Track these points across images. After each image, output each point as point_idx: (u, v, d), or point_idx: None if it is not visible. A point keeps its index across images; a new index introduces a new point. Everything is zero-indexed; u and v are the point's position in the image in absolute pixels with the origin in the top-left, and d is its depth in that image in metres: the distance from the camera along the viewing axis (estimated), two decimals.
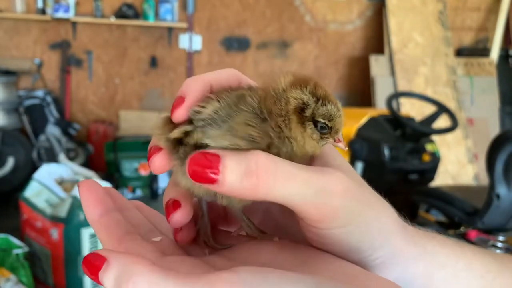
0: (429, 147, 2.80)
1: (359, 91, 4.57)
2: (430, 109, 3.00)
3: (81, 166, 2.77)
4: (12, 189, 3.41)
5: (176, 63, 4.31)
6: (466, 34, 4.83)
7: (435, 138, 3.13)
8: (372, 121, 2.81)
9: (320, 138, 0.30)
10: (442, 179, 3.67)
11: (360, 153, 2.70)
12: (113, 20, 4.00)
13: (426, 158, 2.77)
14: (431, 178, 2.84)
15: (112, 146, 3.75)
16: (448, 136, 3.85)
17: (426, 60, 4.26)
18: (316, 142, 0.30)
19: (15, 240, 2.02)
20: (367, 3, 4.53)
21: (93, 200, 0.31)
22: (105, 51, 4.19)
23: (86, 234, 2.01)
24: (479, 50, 4.79)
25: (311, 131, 0.30)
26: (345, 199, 0.27)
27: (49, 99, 3.94)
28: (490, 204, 2.02)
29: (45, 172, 2.23)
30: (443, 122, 3.17)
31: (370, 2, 4.52)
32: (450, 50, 4.35)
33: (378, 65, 4.26)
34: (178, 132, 0.29)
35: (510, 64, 4.88)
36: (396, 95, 3.20)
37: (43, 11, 3.93)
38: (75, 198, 2.03)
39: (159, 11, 4.13)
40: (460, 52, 4.71)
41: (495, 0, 4.75)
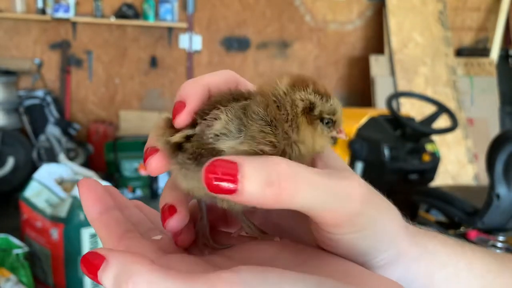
0: (429, 147, 2.80)
1: (359, 91, 4.57)
2: (430, 109, 3.00)
3: (81, 166, 2.77)
4: (12, 189, 3.41)
5: (176, 63, 4.31)
6: (466, 34, 4.83)
7: (435, 138, 3.13)
8: (372, 121, 2.81)
9: (328, 133, 0.31)
10: (442, 179, 3.67)
11: (360, 153, 2.70)
12: (113, 20, 4.00)
13: (426, 158, 2.76)
14: (431, 178, 2.84)
15: (112, 146, 3.75)
16: (448, 136, 3.84)
17: (426, 60, 4.25)
18: (326, 139, 0.31)
19: (15, 240, 2.02)
20: (367, 3, 4.53)
21: (92, 198, 0.31)
22: (105, 51, 4.18)
23: (86, 234, 2.01)
24: (479, 50, 4.79)
25: (321, 129, 0.30)
26: (363, 205, 0.26)
27: (49, 99, 3.94)
28: (490, 204, 2.02)
29: (45, 172, 2.23)
30: (443, 122, 3.17)
31: (370, 2, 4.52)
32: (450, 50, 4.34)
33: (378, 65, 4.25)
34: (179, 137, 0.29)
35: (510, 64, 4.88)
36: (396, 95, 3.20)
37: (43, 11, 3.93)
38: (75, 198, 2.03)
39: (159, 11, 4.12)
40: (460, 52, 4.71)
41: (495, 0, 4.75)
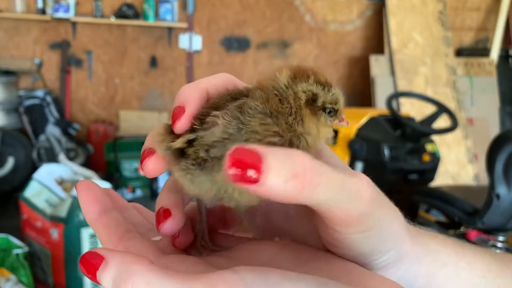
0: (429, 147, 2.80)
1: (359, 91, 4.57)
2: (430, 109, 3.00)
3: (81, 166, 2.77)
4: (12, 189, 3.41)
5: (176, 63, 4.31)
6: (466, 34, 4.83)
7: (435, 138, 3.13)
8: (372, 121, 2.81)
9: (330, 123, 0.31)
10: (442, 179, 3.67)
11: (360, 153, 2.70)
12: (113, 20, 4.00)
13: (426, 158, 2.76)
14: (431, 178, 2.84)
15: (112, 146, 3.75)
16: (448, 136, 3.84)
17: (426, 60, 4.25)
18: (329, 128, 0.31)
19: (15, 240, 2.02)
20: (367, 3, 4.53)
21: (91, 199, 0.30)
22: (105, 51, 4.18)
23: (86, 234, 2.01)
24: (479, 50, 4.78)
25: (324, 119, 0.30)
26: (371, 203, 0.26)
27: (49, 99, 3.94)
28: (490, 204, 2.01)
29: (45, 172, 2.23)
30: (443, 122, 3.17)
31: (370, 2, 4.52)
32: (450, 50, 4.34)
33: (378, 65, 4.25)
34: (181, 142, 0.29)
35: (510, 64, 4.88)
36: (396, 95, 3.20)
37: (43, 11, 3.93)
38: (75, 198, 2.02)
39: (159, 11, 4.12)
40: (460, 52, 4.71)
41: (495, 0, 4.75)
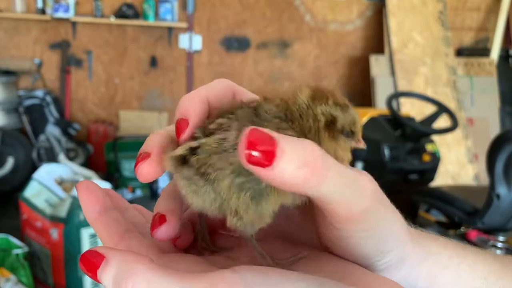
0: (429, 147, 2.80)
1: (359, 91, 4.57)
2: (430, 109, 3.00)
3: (81, 166, 2.77)
4: (12, 189, 3.41)
5: (176, 63, 4.31)
6: (466, 34, 4.83)
7: (435, 138, 3.13)
8: (372, 121, 2.81)
9: (348, 144, 0.30)
10: (442, 179, 3.67)
11: (360, 153, 2.70)
12: (113, 20, 4.00)
13: (426, 158, 2.77)
14: (431, 178, 2.84)
15: (112, 146, 3.75)
16: (448, 136, 3.84)
17: (426, 60, 4.25)
18: (347, 151, 0.30)
19: (15, 240, 2.02)
20: (367, 3, 4.53)
21: (92, 199, 0.30)
22: (105, 51, 4.18)
23: (86, 234, 2.01)
24: (479, 50, 4.78)
25: (343, 142, 0.30)
26: (374, 201, 0.26)
27: (49, 99, 3.94)
28: (490, 204, 2.02)
29: (45, 172, 2.23)
30: (443, 122, 3.17)
31: (370, 2, 4.52)
32: (450, 50, 4.34)
33: (378, 65, 4.25)
34: (182, 149, 0.28)
35: (510, 64, 4.88)
36: (396, 95, 3.20)
37: (43, 11, 3.93)
38: (75, 198, 2.02)
39: (159, 11, 4.12)
40: (460, 52, 4.71)
41: (495, 0, 4.75)
